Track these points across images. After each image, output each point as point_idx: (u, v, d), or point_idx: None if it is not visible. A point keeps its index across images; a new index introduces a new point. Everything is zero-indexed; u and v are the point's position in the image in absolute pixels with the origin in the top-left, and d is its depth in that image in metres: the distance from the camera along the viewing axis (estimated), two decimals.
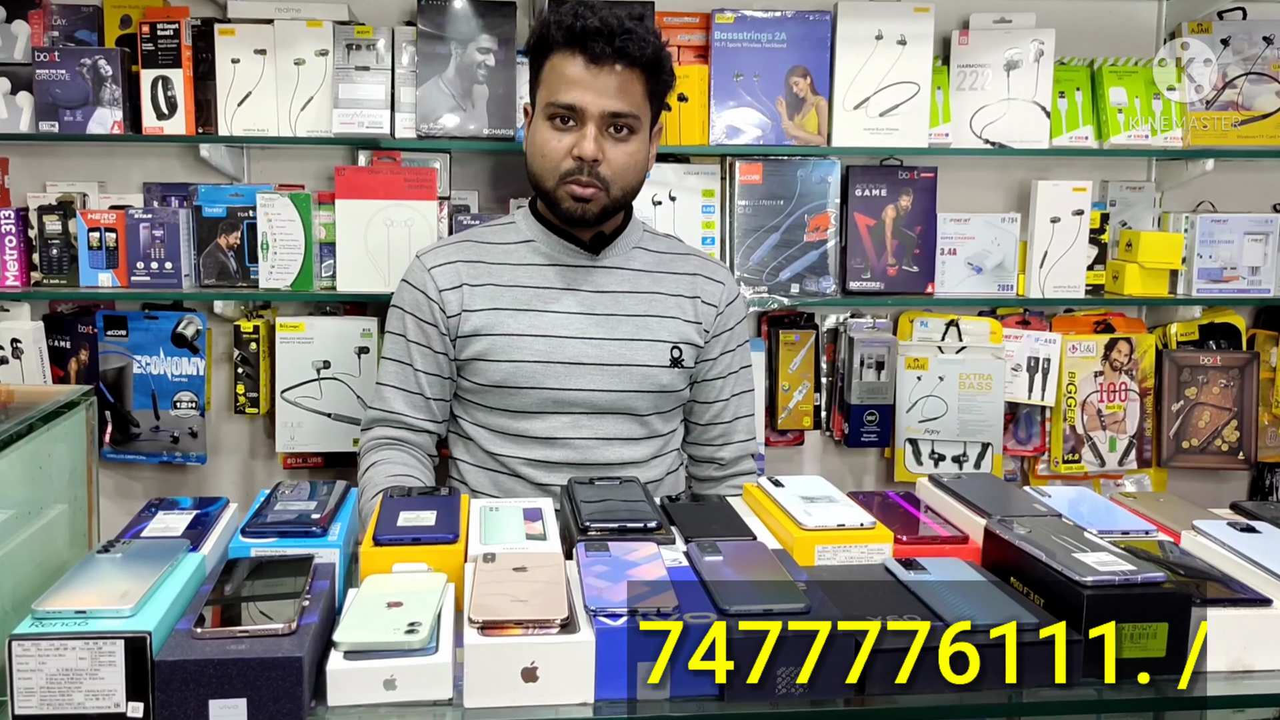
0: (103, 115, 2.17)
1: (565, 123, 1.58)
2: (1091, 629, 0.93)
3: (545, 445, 1.66)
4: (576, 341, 1.65)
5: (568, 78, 1.56)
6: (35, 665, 0.84)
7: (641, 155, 1.63)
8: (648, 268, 1.73)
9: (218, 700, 0.84)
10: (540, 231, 1.70)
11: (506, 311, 1.65)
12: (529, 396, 1.64)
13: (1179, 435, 2.42)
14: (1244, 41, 2.35)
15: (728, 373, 1.77)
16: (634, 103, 1.59)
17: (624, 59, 1.55)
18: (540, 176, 1.63)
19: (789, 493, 1.25)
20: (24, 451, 1.18)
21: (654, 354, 1.67)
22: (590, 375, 1.65)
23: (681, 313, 1.71)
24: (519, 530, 1.14)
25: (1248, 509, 1.26)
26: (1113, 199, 2.43)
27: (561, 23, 1.56)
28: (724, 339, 1.76)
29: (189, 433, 2.29)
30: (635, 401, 1.67)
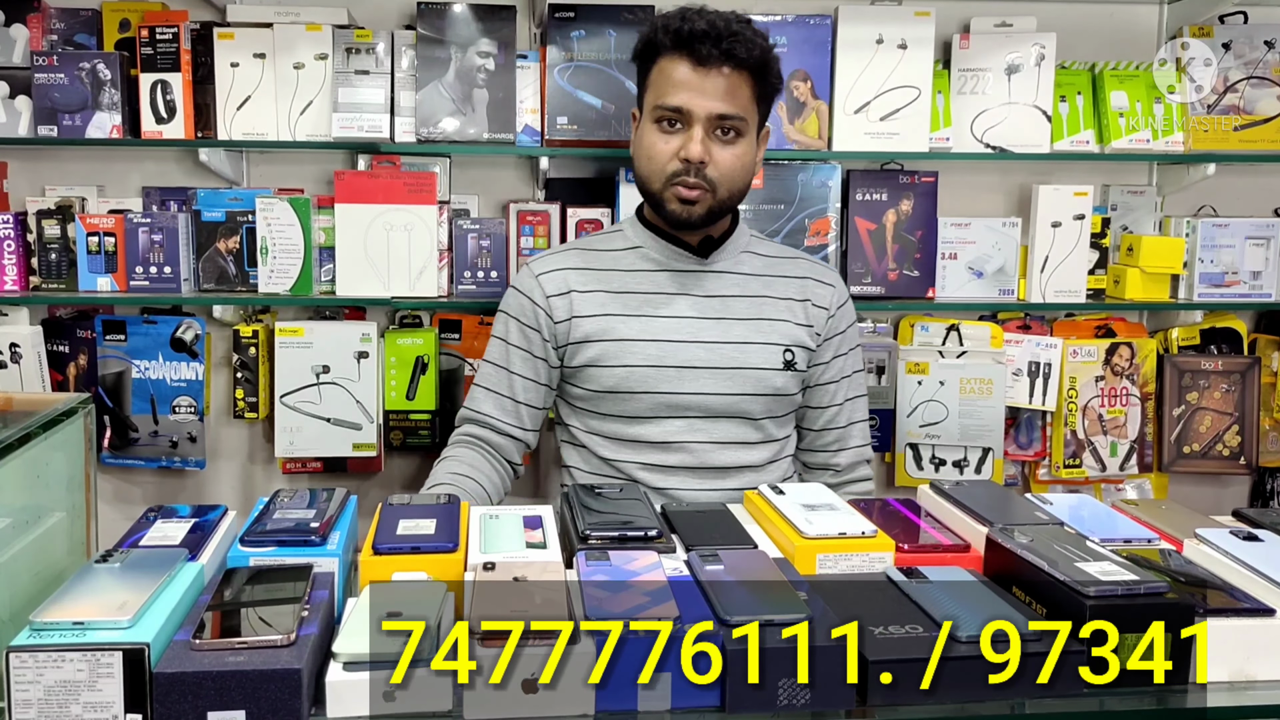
0: (101, 119, 2.17)
1: (672, 125, 1.60)
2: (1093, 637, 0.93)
3: (661, 450, 1.67)
4: (689, 345, 1.66)
5: (675, 80, 1.58)
6: (33, 677, 0.84)
7: (749, 157, 1.64)
8: (757, 271, 1.73)
9: (216, 712, 0.84)
10: (648, 237, 1.72)
11: (617, 317, 1.67)
12: (642, 401, 1.66)
13: (1180, 440, 2.41)
14: (1245, 45, 2.34)
15: (840, 377, 1.76)
16: (741, 105, 1.59)
17: (731, 61, 1.56)
18: (647, 179, 1.64)
19: (790, 500, 1.24)
20: (22, 459, 1.17)
21: (767, 356, 1.68)
22: (704, 379, 1.66)
23: (793, 315, 1.71)
24: (519, 539, 1.14)
25: (1250, 516, 1.26)
26: (1114, 203, 2.43)
27: (669, 26, 1.59)
28: (836, 343, 1.75)
29: (188, 437, 2.28)
30: (749, 405, 1.67)
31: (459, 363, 2.34)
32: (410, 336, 2.29)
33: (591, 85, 2.21)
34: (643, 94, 1.67)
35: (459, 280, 2.25)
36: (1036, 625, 0.94)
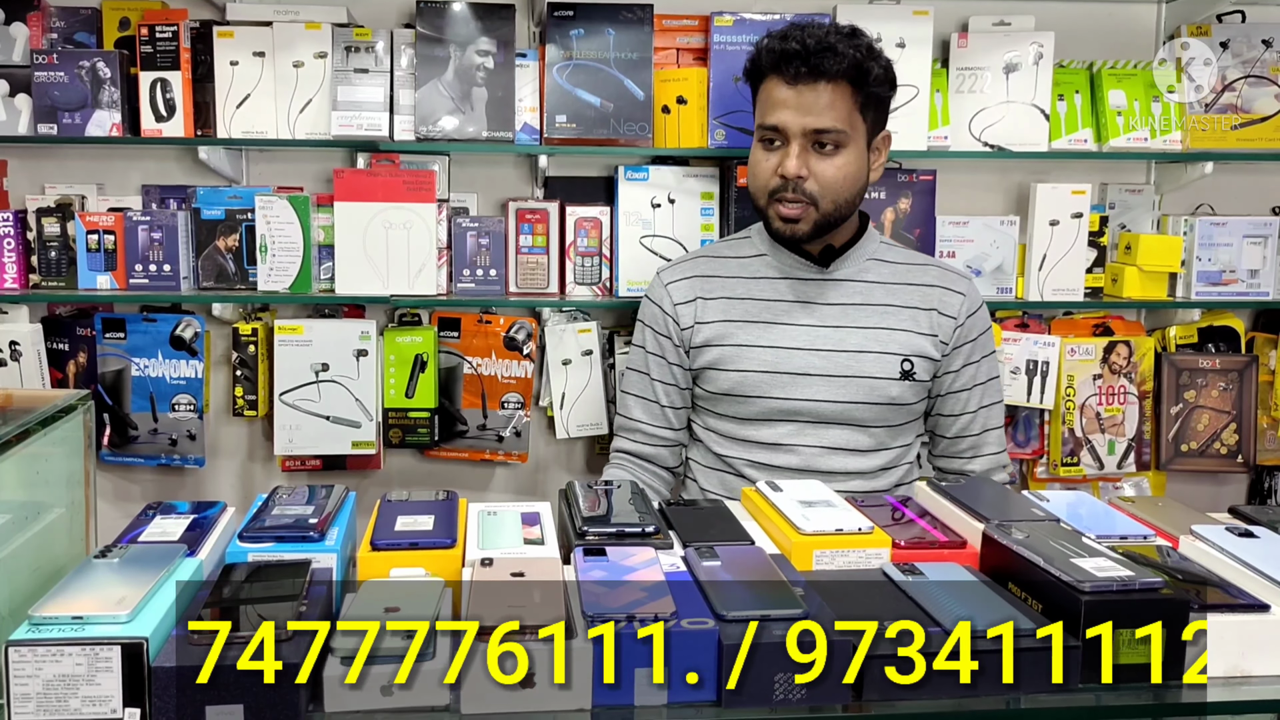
0: (101, 117, 2.17)
1: (773, 144, 1.66)
2: (1089, 634, 0.93)
3: (770, 450, 1.72)
4: (804, 353, 1.70)
5: (773, 99, 1.65)
6: (32, 671, 0.84)
7: (853, 167, 1.66)
8: (883, 279, 1.75)
9: (214, 706, 0.84)
10: (771, 246, 1.77)
11: (736, 324, 1.72)
12: (755, 405, 1.71)
13: (1178, 438, 2.42)
14: (1243, 44, 2.35)
15: (973, 384, 1.77)
16: (838, 117, 1.62)
17: (822, 76, 1.60)
18: (755, 195, 1.72)
19: (787, 497, 1.24)
20: (21, 456, 1.17)
21: (883, 366, 1.69)
22: (816, 386, 1.69)
23: (916, 325, 1.72)
24: (517, 535, 1.14)
25: (1246, 513, 1.26)
26: (1112, 202, 2.43)
27: (771, 47, 1.65)
28: (966, 350, 1.75)
29: (187, 435, 2.29)
30: (861, 413, 1.70)
31: (458, 361, 2.35)
32: (409, 334, 2.29)
33: (590, 84, 2.21)
34: (754, 114, 1.73)
35: (458, 278, 2.25)
36: (1031, 621, 0.95)
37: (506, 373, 2.35)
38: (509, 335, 2.34)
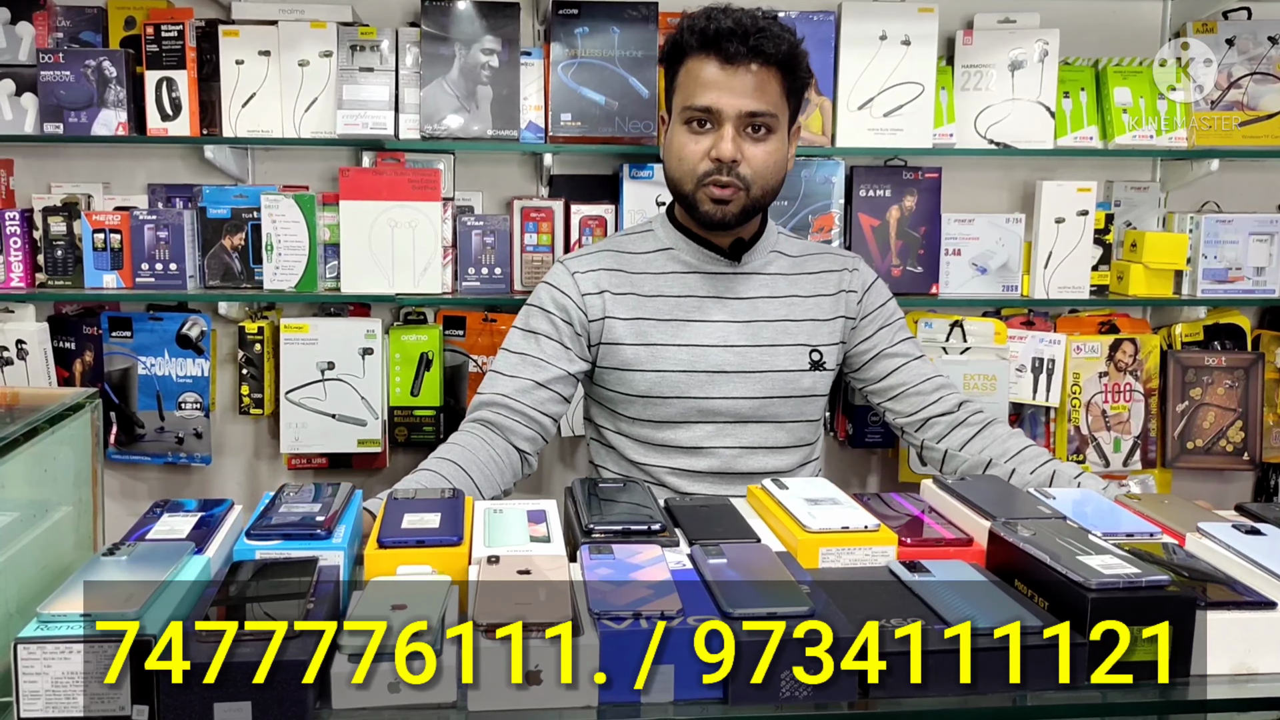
0: (107, 117, 2.18)
1: (702, 125, 1.59)
2: (1095, 631, 0.93)
3: (689, 454, 1.68)
4: (720, 350, 1.66)
5: (703, 80, 1.57)
6: (40, 668, 0.84)
7: (780, 154, 1.62)
8: (785, 271, 1.73)
9: (222, 703, 0.85)
10: (679, 239, 1.71)
11: (650, 321, 1.66)
12: (673, 406, 1.66)
13: (1184, 436, 2.41)
14: (1249, 41, 2.34)
15: (900, 339, 1.75)
16: (771, 101, 1.58)
17: (759, 57, 1.55)
18: (679, 181, 1.63)
19: (793, 494, 1.24)
20: (29, 454, 1.18)
21: (794, 358, 1.68)
22: (734, 383, 1.66)
23: (820, 312, 1.71)
24: (523, 532, 1.14)
25: (1252, 511, 1.26)
26: (1117, 199, 2.43)
27: (695, 27, 1.58)
28: (877, 317, 1.75)
29: (194, 434, 2.29)
30: (778, 408, 1.68)
31: (463, 359, 2.35)
32: (415, 333, 2.29)
33: (595, 82, 2.21)
34: (671, 96, 1.66)
35: (463, 277, 2.26)
36: (1038, 619, 0.95)
37: None
38: None
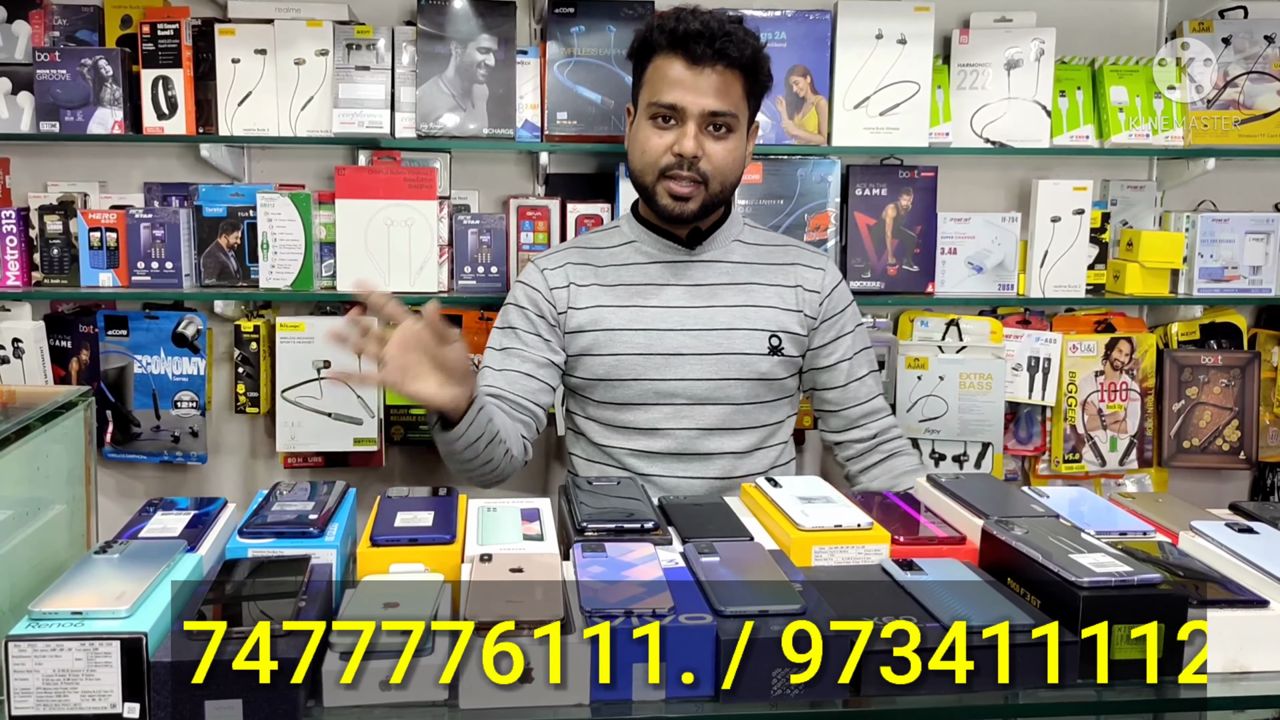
0: (103, 115, 2.18)
1: (666, 122, 1.65)
2: (1087, 630, 0.93)
3: (648, 436, 1.72)
4: (676, 333, 1.71)
5: (669, 79, 1.63)
6: (32, 666, 0.85)
7: (740, 152, 1.69)
8: (746, 259, 1.77)
9: (213, 701, 0.85)
10: (641, 231, 1.77)
11: (609, 308, 1.72)
12: (631, 388, 1.71)
13: (1180, 435, 2.42)
14: (1245, 40, 2.34)
15: (852, 353, 1.79)
16: (732, 102, 1.65)
17: (723, 60, 1.62)
18: (641, 173, 1.70)
19: (786, 493, 1.25)
20: (22, 452, 1.18)
21: (751, 342, 1.71)
22: (689, 365, 1.70)
23: (781, 301, 1.75)
24: (516, 531, 1.14)
25: (1246, 510, 1.26)
26: (1113, 198, 2.43)
27: (664, 26, 1.65)
28: (836, 323, 1.78)
29: (190, 432, 2.29)
30: (733, 390, 1.71)
31: None
32: None
33: (591, 81, 2.21)
34: (638, 91, 1.72)
35: (459, 275, 2.25)
36: (1030, 617, 0.95)
37: None
38: None
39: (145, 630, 0.86)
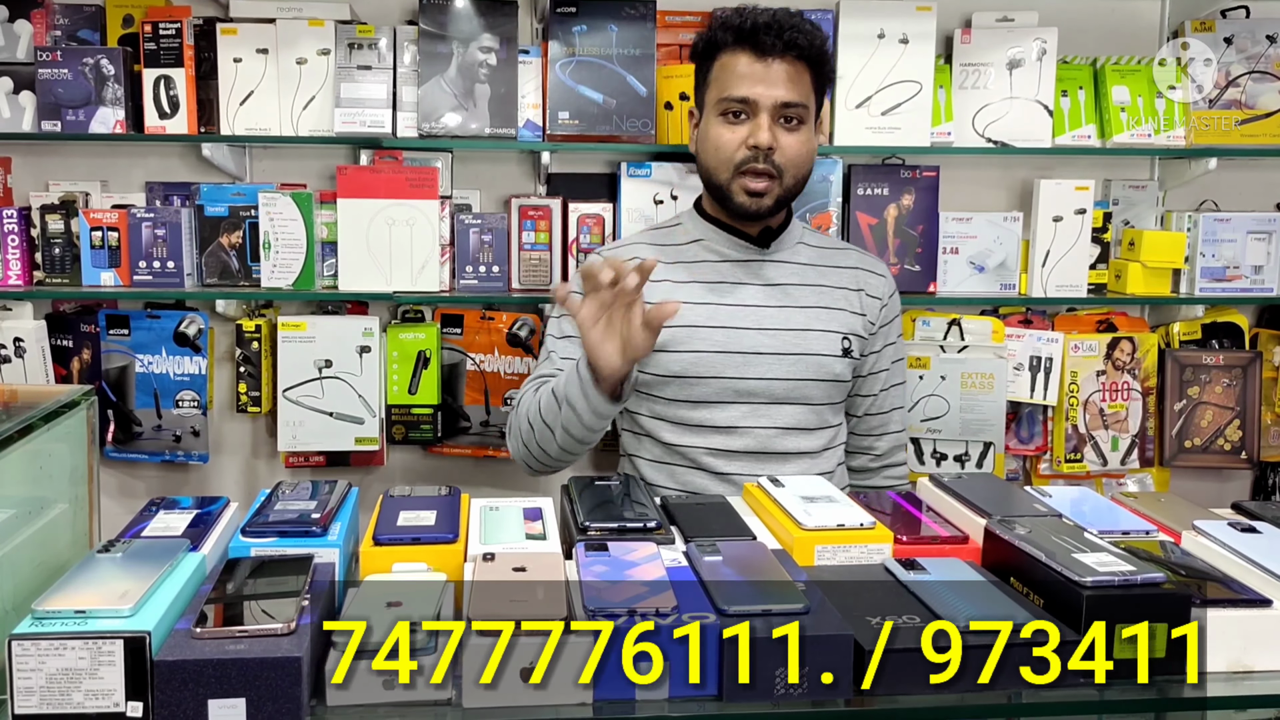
0: (105, 114, 2.18)
1: (738, 116, 1.64)
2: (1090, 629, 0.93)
3: (725, 434, 1.69)
4: (753, 332, 1.69)
5: (739, 73, 1.63)
6: (35, 665, 0.85)
7: (811, 144, 1.69)
8: (813, 261, 1.77)
9: (217, 700, 0.85)
10: (709, 230, 1.75)
11: (685, 304, 1.69)
12: (709, 386, 1.68)
13: (1181, 435, 2.41)
14: (1247, 40, 2.34)
15: (890, 364, 1.80)
16: (803, 93, 1.64)
17: (793, 50, 1.62)
18: (714, 171, 1.68)
19: (789, 492, 1.25)
20: (24, 451, 1.18)
21: (827, 343, 1.71)
22: (768, 364, 1.68)
23: (849, 305, 1.75)
24: (519, 530, 1.14)
25: (1249, 509, 1.26)
26: (1115, 198, 2.43)
27: (729, 23, 1.65)
28: (887, 331, 1.79)
29: (191, 432, 2.29)
30: (811, 390, 1.70)
31: (461, 357, 2.35)
32: (412, 331, 2.29)
33: (593, 80, 2.21)
34: (703, 92, 1.71)
35: (461, 275, 2.25)
36: (1033, 617, 0.95)
37: (509, 369, 2.35)
38: (512, 332, 2.34)
39: (149, 629, 0.86)
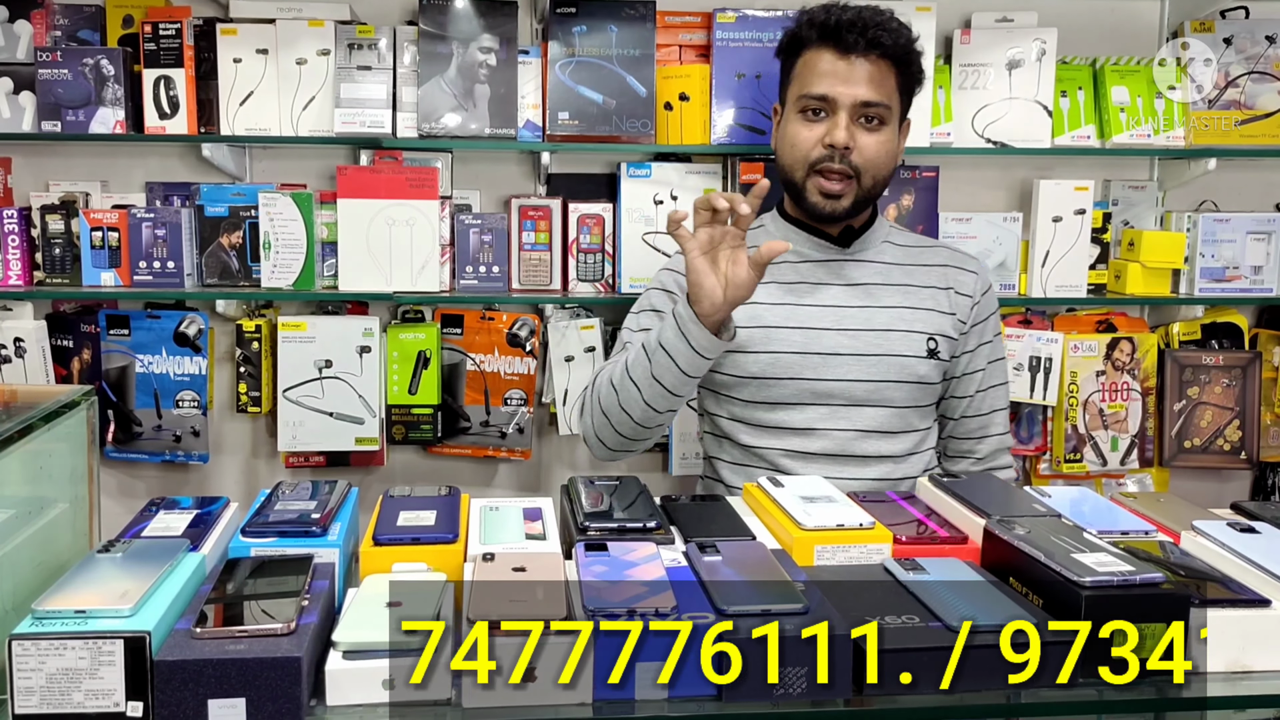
0: (105, 115, 2.18)
1: (817, 114, 1.62)
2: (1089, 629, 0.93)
3: (803, 436, 1.67)
4: (834, 333, 1.66)
5: (820, 70, 1.61)
6: (35, 665, 0.85)
7: (893, 144, 1.66)
8: (899, 260, 1.73)
9: (217, 700, 0.85)
10: (790, 230, 1.74)
11: (764, 305, 1.67)
12: (787, 387, 1.66)
13: (1181, 435, 2.42)
14: (1246, 40, 2.34)
15: (986, 364, 1.76)
16: (885, 93, 1.62)
17: (876, 49, 1.60)
18: (790, 168, 1.66)
19: (789, 492, 1.25)
20: (24, 451, 1.18)
21: (910, 344, 1.67)
22: (847, 365, 1.66)
23: (936, 304, 1.71)
24: (519, 530, 1.14)
25: (1248, 509, 1.26)
26: (1115, 198, 2.43)
27: (815, 19, 1.63)
28: (980, 329, 1.75)
29: (191, 432, 2.29)
30: (892, 392, 1.67)
31: (461, 357, 2.35)
32: (412, 331, 2.29)
33: (593, 80, 2.21)
34: (785, 88, 1.69)
35: (461, 275, 2.26)
36: (1032, 617, 0.95)
37: (509, 369, 2.35)
38: (512, 332, 2.34)
39: (149, 629, 0.86)
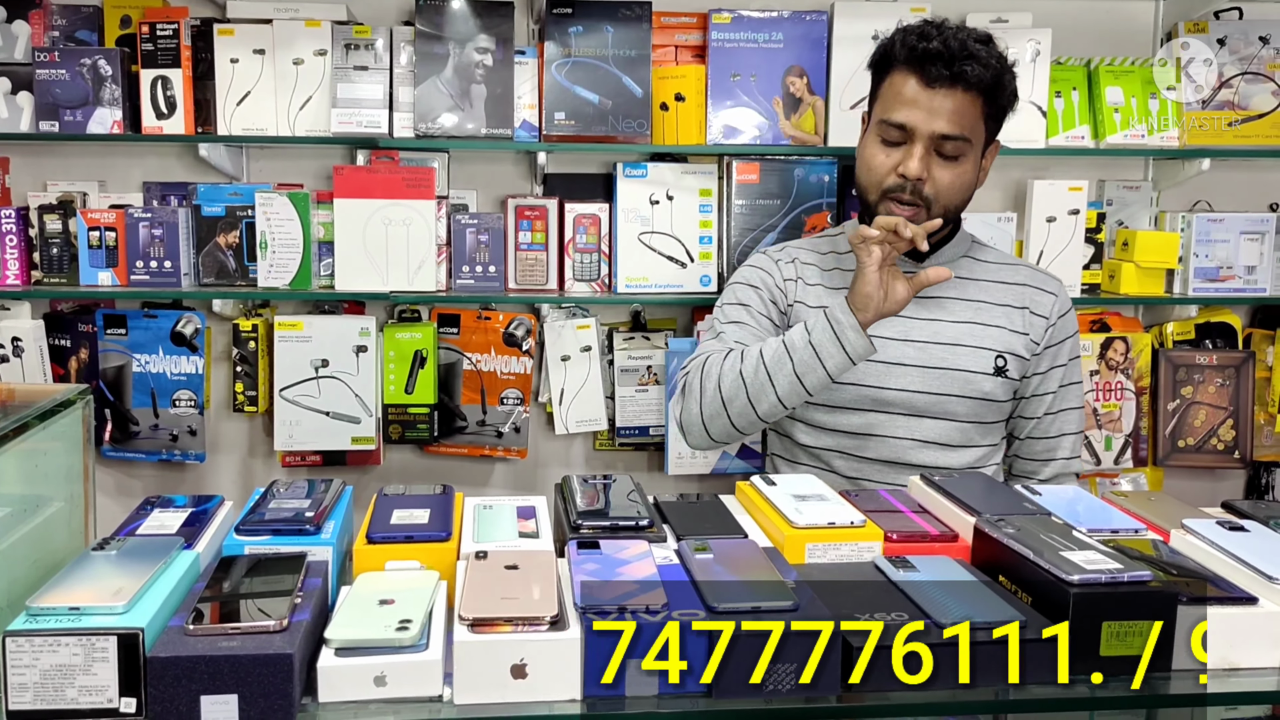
0: (102, 115, 2.18)
1: (894, 141, 1.61)
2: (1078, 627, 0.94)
3: (860, 440, 1.68)
4: (898, 343, 1.66)
5: (903, 96, 1.59)
6: (29, 661, 0.85)
7: (969, 176, 1.63)
8: (976, 276, 1.73)
9: (209, 696, 0.85)
10: None
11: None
12: (847, 392, 1.66)
13: (1175, 434, 2.42)
14: (1240, 41, 2.35)
15: (1058, 387, 1.73)
16: (966, 125, 1.59)
17: (960, 82, 1.56)
18: (865, 189, 1.66)
19: (781, 490, 1.25)
20: (20, 449, 1.18)
21: (977, 360, 1.66)
22: (910, 376, 1.66)
23: (1009, 323, 1.70)
24: (512, 528, 1.15)
25: (1238, 508, 1.27)
26: (1109, 198, 2.44)
27: (906, 41, 1.59)
28: (1054, 352, 1.72)
29: (188, 431, 2.30)
30: (954, 406, 1.66)
31: (457, 357, 2.36)
32: (409, 330, 2.30)
33: (589, 81, 2.22)
34: (873, 101, 1.68)
35: (457, 275, 2.26)
36: (1021, 615, 0.95)
37: (506, 369, 2.36)
38: (508, 331, 2.35)
39: (142, 626, 0.86)
